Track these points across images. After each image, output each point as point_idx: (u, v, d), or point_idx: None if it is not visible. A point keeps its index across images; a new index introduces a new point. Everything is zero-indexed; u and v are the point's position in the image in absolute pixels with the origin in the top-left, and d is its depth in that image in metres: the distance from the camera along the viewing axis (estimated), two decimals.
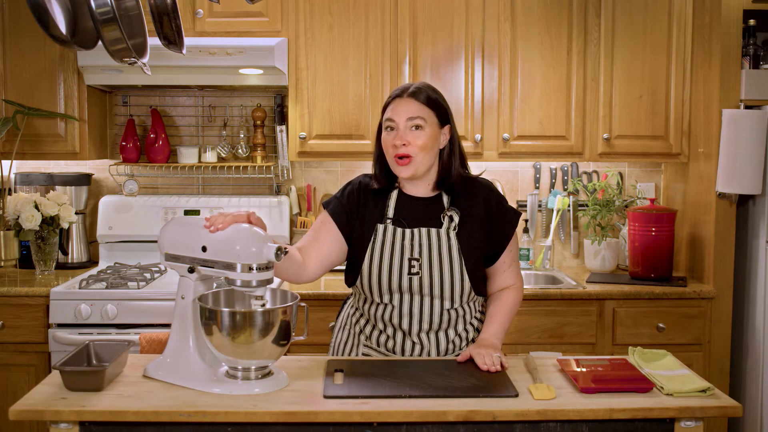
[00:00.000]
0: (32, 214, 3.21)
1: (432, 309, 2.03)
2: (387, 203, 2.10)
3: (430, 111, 2.05)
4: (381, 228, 2.06)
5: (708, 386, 1.75)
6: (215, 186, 3.69)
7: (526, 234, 3.60)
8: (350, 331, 2.16)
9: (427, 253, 2.03)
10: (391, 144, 2.02)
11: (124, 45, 1.73)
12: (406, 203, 2.10)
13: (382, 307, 2.05)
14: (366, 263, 2.04)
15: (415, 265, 2.02)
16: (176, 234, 1.87)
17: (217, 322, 1.71)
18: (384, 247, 2.04)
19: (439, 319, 2.04)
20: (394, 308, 2.04)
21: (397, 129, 2.02)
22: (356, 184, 2.15)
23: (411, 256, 2.02)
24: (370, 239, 2.05)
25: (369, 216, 2.08)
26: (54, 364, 1.94)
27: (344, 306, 2.26)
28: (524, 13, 3.30)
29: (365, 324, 2.11)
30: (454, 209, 2.06)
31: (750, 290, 3.18)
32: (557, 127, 3.34)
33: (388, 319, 2.05)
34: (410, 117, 2.02)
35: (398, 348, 2.05)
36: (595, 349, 3.11)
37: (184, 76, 3.23)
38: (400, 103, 2.05)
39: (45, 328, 2.98)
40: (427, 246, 2.03)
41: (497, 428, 1.67)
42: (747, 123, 3.04)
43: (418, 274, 2.01)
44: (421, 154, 2.01)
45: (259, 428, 1.65)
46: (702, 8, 3.23)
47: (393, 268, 2.02)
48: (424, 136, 2.02)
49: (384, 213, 2.08)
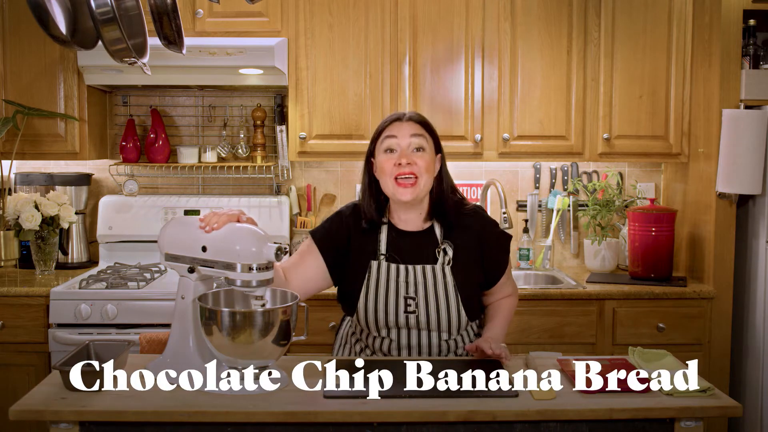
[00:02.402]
0: (32, 214, 3.21)
1: (430, 341, 2.05)
2: (378, 237, 2.06)
3: (428, 135, 2.05)
4: (375, 265, 2.04)
5: (708, 386, 1.75)
6: (215, 186, 3.69)
7: (526, 234, 3.60)
8: (351, 349, 2.17)
9: (423, 291, 2.01)
10: (394, 164, 1.98)
11: (124, 45, 1.73)
12: (398, 238, 2.06)
13: (380, 339, 2.06)
14: (362, 301, 2.03)
15: (411, 304, 2.01)
16: (176, 234, 1.87)
17: (217, 322, 1.71)
18: (379, 285, 2.02)
19: (438, 350, 2.06)
20: (392, 341, 2.05)
21: (399, 149, 2.00)
22: (346, 214, 2.11)
23: (407, 295, 2.01)
24: (365, 276, 2.03)
25: (362, 250, 2.05)
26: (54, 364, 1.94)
27: (343, 323, 2.26)
28: (524, 13, 3.30)
29: (364, 348, 2.12)
30: (448, 242, 2.05)
31: (750, 290, 3.18)
32: (557, 127, 3.34)
33: (387, 350, 2.06)
34: (414, 134, 2.01)
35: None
36: (595, 349, 3.11)
37: (184, 76, 3.23)
38: (401, 125, 2.03)
39: (45, 328, 2.98)
40: (422, 284, 2.02)
41: (497, 428, 1.67)
42: (747, 123, 3.04)
43: (415, 312, 2.01)
44: (425, 175, 2.00)
45: (259, 428, 1.65)
46: (702, 8, 3.23)
47: (389, 306, 2.01)
48: (426, 158, 2.01)
49: (377, 248, 2.05)
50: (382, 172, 2.02)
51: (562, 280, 3.32)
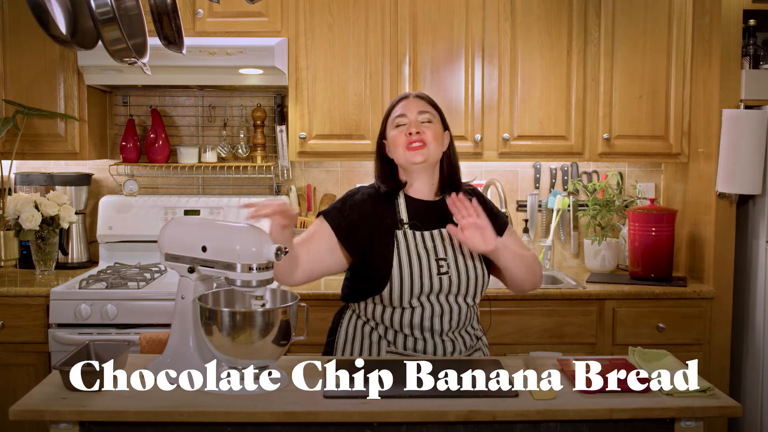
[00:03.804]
0: (32, 214, 3.21)
1: (459, 306, 2.07)
2: (397, 209, 2.11)
3: (436, 112, 2.16)
4: (401, 234, 2.07)
5: (708, 386, 1.75)
6: (215, 186, 3.69)
7: (526, 234, 3.60)
8: (363, 342, 2.12)
9: (452, 252, 2.08)
10: (404, 134, 2.08)
11: (124, 45, 1.73)
12: (415, 206, 2.13)
13: (409, 311, 2.05)
14: (396, 271, 2.03)
15: (443, 265, 2.06)
16: (176, 234, 1.87)
17: (217, 322, 1.71)
18: (410, 251, 2.06)
19: (465, 317, 2.09)
20: (425, 309, 2.05)
21: (409, 123, 2.09)
22: (359, 195, 2.14)
23: (437, 257, 2.06)
24: (393, 247, 2.05)
25: (383, 225, 2.08)
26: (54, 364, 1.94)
27: (342, 321, 2.20)
28: (524, 13, 3.30)
29: (385, 331, 2.09)
30: None
31: (750, 290, 3.18)
32: (557, 127, 3.34)
33: (418, 322, 2.05)
34: (421, 110, 2.11)
35: (429, 348, 2.06)
36: (595, 349, 3.11)
37: (184, 76, 3.23)
38: (410, 101, 2.14)
39: (45, 328, 2.98)
40: (450, 245, 2.08)
41: (497, 428, 1.67)
42: (747, 123, 3.04)
43: (447, 272, 2.05)
44: (433, 143, 2.09)
45: (259, 428, 1.65)
46: (702, 8, 3.23)
47: (423, 270, 2.04)
48: (434, 129, 2.11)
49: (397, 219, 2.10)
50: (395, 145, 2.10)
51: (562, 280, 3.32)
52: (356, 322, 2.15)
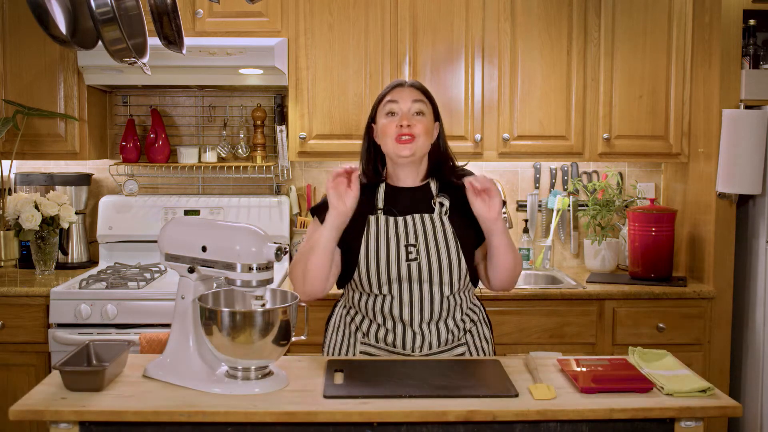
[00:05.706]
0: (32, 214, 3.21)
1: (432, 296, 2.03)
2: (376, 196, 2.12)
3: (428, 102, 2.13)
4: (373, 219, 2.07)
5: (708, 386, 1.75)
6: (215, 186, 3.69)
7: (526, 234, 3.60)
8: (344, 331, 2.14)
9: (423, 238, 2.05)
10: (395, 125, 2.06)
11: (124, 45, 1.73)
12: (395, 194, 2.12)
13: (381, 298, 2.04)
14: (363, 254, 2.03)
15: (412, 251, 2.03)
16: (176, 234, 1.87)
17: (217, 322, 1.71)
18: (379, 237, 2.05)
19: (440, 308, 2.04)
20: (394, 298, 2.03)
21: (400, 113, 2.07)
22: None
23: (407, 243, 2.04)
24: (363, 232, 2.06)
25: (359, 211, 2.05)
26: (54, 364, 1.93)
27: (335, 308, 2.24)
28: (524, 13, 3.30)
29: (361, 321, 2.09)
30: (444, 195, 2.10)
31: (750, 290, 3.18)
32: (557, 127, 3.34)
33: (388, 311, 2.03)
34: (415, 99, 2.09)
35: (399, 341, 2.03)
36: (595, 349, 3.11)
37: (184, 76, 3.23)
38: (403, 90, 2.12)
39: (45, 328, 2.98)
40: (422, 231, 2.05)
41: (497, 428, 1.67)
42: (747, 123, 3.04)
43: (416, 259, 2.02)
44: (423, 137, 2.07)
45: (259, 428, 1.65)
46: (702, 8, 3.23)
47: (390, 256, 2.02)
48: (426, 122, 2.09)
49: (374, 205, 2.10)
50: (384, 134, 2.09)
51: (562, 280, 3.32)
52: (342, 311, 2.18)
